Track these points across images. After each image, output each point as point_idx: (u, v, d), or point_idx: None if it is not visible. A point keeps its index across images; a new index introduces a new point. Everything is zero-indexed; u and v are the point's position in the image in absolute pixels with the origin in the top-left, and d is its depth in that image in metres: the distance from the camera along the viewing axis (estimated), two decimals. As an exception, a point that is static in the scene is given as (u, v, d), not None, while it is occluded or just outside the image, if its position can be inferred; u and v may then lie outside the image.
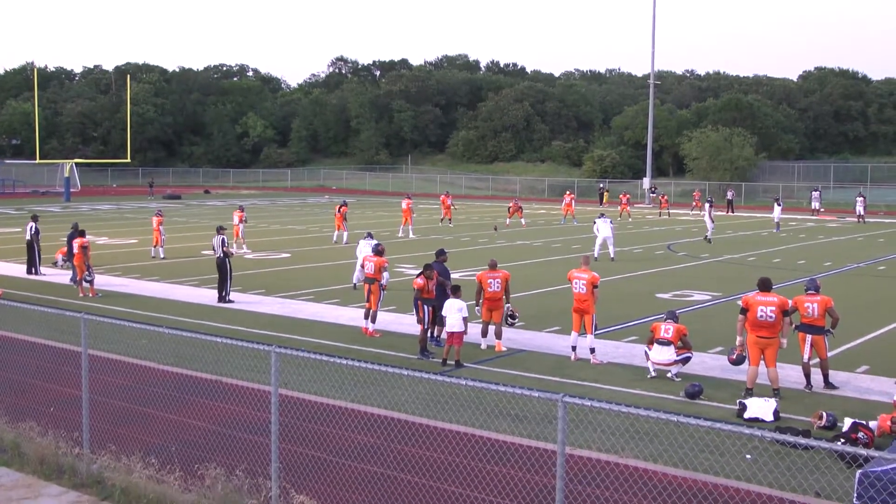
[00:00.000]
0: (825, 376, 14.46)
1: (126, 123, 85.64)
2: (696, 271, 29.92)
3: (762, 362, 13.86)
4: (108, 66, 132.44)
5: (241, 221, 35.15)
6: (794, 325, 14.54)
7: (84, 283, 23.91)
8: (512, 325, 17.84)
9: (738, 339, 14.00)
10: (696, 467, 10.49)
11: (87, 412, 10.52)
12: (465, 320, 15.87)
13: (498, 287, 17.02)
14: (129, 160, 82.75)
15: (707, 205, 43.71)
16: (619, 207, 58.45)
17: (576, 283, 16.26)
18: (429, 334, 17.17)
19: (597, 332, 16.69)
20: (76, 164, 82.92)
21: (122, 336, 17.03)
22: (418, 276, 17.17)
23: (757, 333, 13.77)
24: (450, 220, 49.59)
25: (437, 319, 16.92)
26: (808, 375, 14.50)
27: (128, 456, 10.26)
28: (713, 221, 41.74)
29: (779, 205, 49.47)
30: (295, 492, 9.36)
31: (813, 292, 14.57)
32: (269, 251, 34.98)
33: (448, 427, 11.93)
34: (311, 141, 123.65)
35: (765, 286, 14.05)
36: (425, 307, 16.77)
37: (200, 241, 37.68)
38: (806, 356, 14.44)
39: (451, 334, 15.79)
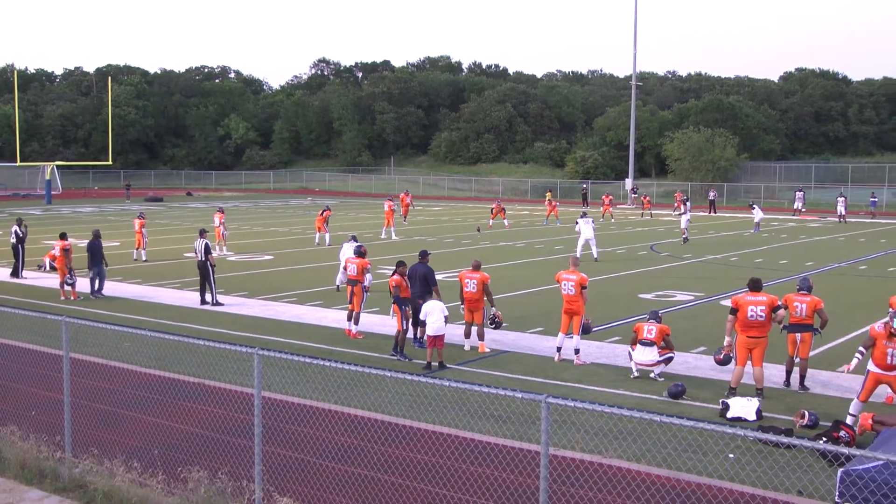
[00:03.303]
0: (801, 377, 14.52)
1: (107, 125, 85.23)
2: (679, 272, 30.03)
3: (748, 362, 13.90)
4: (89, 68, 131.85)
5: (221, 223, 35.04)
6: (782, 326, 14.56)
7: (66, 286, 23.76)
8: (495, 328, 17.82)
9: (727, 339, 13.97)
10: (679, 467, 10.53)
11: (68, 416, 10.46)
12: (446, 319, 15.84)
13: (474, 288, 17.00)
14: (110, 162, 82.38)
15: (684, 205, 43.86)
16: (601, 209, 58.58)
17: (564, 285, 16.27)
18: (410, 335, 17.14)
19: (587, 333, 16.70)
20: (57, 166, 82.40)
21: (104, 339, 16.95)
22: (392, 274, 17.15)
23: (747, 334, 13.78)
24: (405, 217, 52.27)
25: (418, 320, 16.91)
26: (789, 372, 14.57)
27: (110, 459, 10.20)
28: (687, 219, 41.56)
29: (752, 208, 49.67)
30: (278, 494, 9.34)
31: (805, 292, 14.61)
32: (251, 253, 34.88)
33: (431, 428, 11.92)
34: (293, 143, 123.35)
35: (755, 286, 14.08)
36: (402, 308, 16.69)
37: (183, 244, 37.54)
38: (794, 353, 14.49)
39: (432, 337, 15.73)
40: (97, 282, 24.15)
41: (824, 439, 11.38)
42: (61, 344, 10.63)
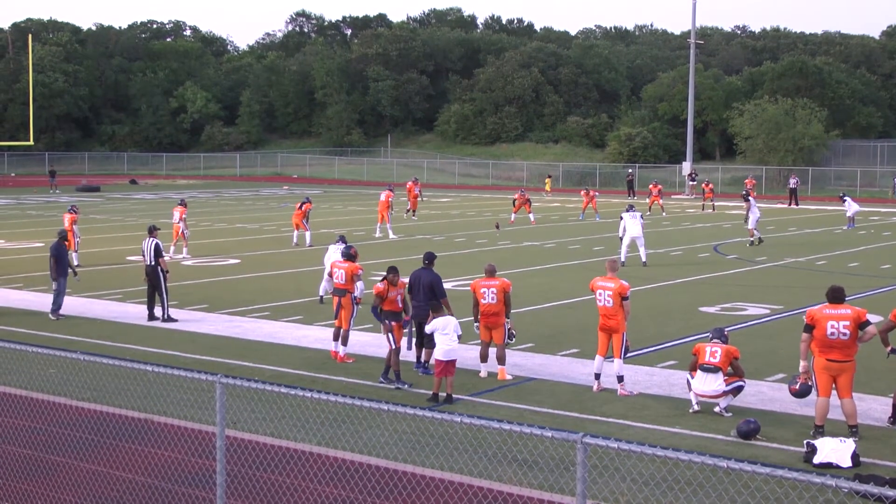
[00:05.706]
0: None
1: (28, 96, 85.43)
2: (751, 279, 29.96)
3: (834, 393, 13.84)
4: (3, 23, 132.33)
5: (181, 219, 34.91)
6: (890, 349, 14.49)
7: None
8: (507, 345, 17.70)
9: (802, 363, 13.98)
10: (752, 525, 10.49)
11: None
12: (459, 339, 15.82)
13: (493, 299, 16.97)
14: (31, 143, 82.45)
15: (747, 200, 43.72)
16: (647, 199, 58.54)
17: (600, 295, 16.25)
18: (416, 359, 17.13)
19: (627, 355, 16.69)
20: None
21: (25, 365, 16.95)
22: (381, 279, 17.11)
23: (826, 356, 13.74)
24: (414, 212, 52.73)
25: (423, 339, 16.86)
26: (896, 406, 14.49)
27: (33, 516, 10.21)
28: (756, 217, 41.17)
29: (843, 199, 49.58)
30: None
31: None
32: (212, 256, 34.92)
33: (438, 475, 11.90)
34: (265, 118, 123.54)
35: (835, 297, 14.04)
36: (388, 322, 16.66)
37: (125, 244, 37.61)
38: None
39: (443, 363, 15.63)
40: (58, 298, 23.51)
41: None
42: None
